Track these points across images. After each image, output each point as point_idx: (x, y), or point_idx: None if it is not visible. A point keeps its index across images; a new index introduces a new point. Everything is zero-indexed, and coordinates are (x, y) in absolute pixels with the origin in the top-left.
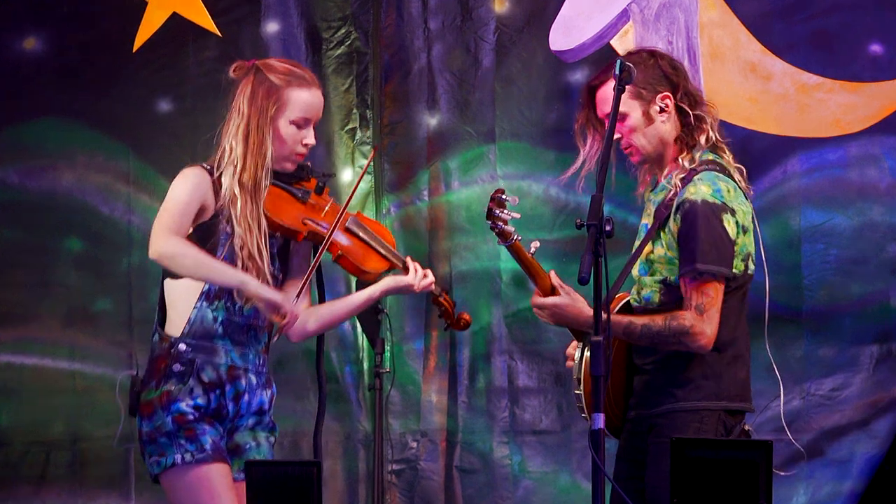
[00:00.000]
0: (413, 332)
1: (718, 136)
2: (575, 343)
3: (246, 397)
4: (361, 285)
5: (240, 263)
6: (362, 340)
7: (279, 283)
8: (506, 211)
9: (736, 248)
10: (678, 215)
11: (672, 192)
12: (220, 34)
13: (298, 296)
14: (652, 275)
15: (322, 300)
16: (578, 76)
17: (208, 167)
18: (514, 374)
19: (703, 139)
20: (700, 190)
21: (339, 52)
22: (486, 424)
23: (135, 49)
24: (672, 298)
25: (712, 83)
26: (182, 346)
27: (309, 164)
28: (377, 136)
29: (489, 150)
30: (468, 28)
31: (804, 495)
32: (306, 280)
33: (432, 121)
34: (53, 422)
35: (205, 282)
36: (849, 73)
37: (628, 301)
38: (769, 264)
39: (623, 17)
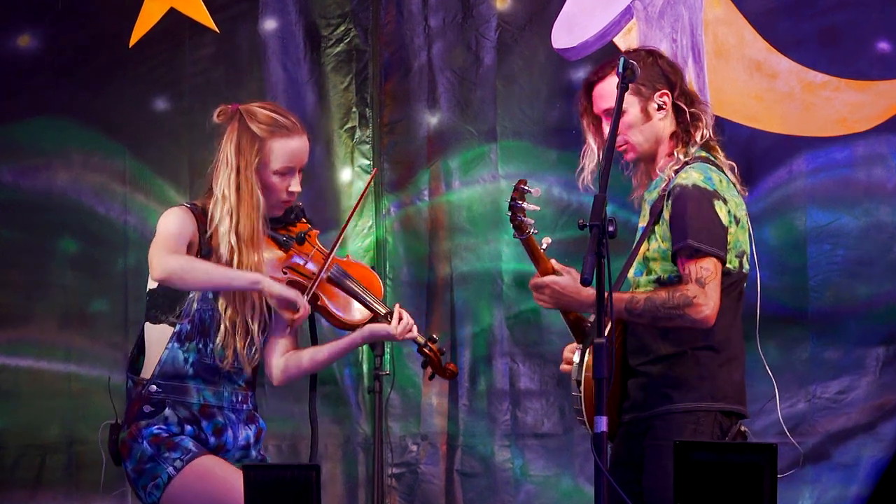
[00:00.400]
0: None
1: (712, 134)
2: (574, 345)
3: (229, 432)
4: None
5: (212, 313)
6: None
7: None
8: (527, 203)
9: (729, 238)
10: (669, 201)
11: (665, 183)
12: (217, 31)
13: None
14: (647, 274)
15: (315, 344)
16: (581, 74)
17: (190, 206)
18: (516, 377)
19: (698, 136)
20: (691, 176)
21: (338, 49)
22: (487, 427)
23: (131, 44)
24: None
25: (717, 81)
26: (153, 388)
27: (300, 204)
28: (377, 135)
29: (490, 150)
30: (469, 25)
31: (810, 499)
32: (318, 278)
33: (433, 119)
34: (49, 424)
35: (220, 289)
36: (855, 71)
37: None
38: (774, 265)
39: (626, 14)
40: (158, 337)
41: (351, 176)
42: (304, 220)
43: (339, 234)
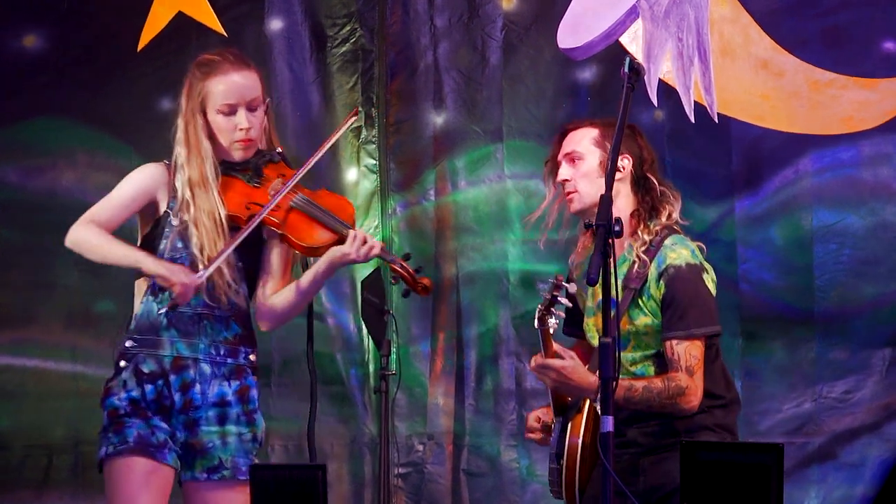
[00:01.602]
0: (419, 333)
1: (679, 219)
2: (539, 414)
3: (197, 388)
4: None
5: (190, 258)
6: (368, 342)
7: (244, 274)
8: (562, 300)
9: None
10: (662, 282)
11: (637, 265)
12: (225, 35)
13: (208, 268)
14: (642, 349)
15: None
16: (587, 74)
17: (169, 163)
18: (522, 377)
19: (664, 216)
20: (681, 254)
21: (343, 49)
22: (493, 427)
23: (140, 48)
24: (666, 368)
25: (723, 80)
26: (128, 343)
27: (279, 150)
28: (382, 134)
29: (496, 149)
30: (475, 25)
31: (816, 499)
32: (223, 253)
33: (438, 119)
34: (55, 425)
35: (105, 263)
36: (862, 69)
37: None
38: (780, 265)
39: (632, 14)
40: (139, 291)
41: (357, 175)
42: (279, 162)
43: (304, 166)
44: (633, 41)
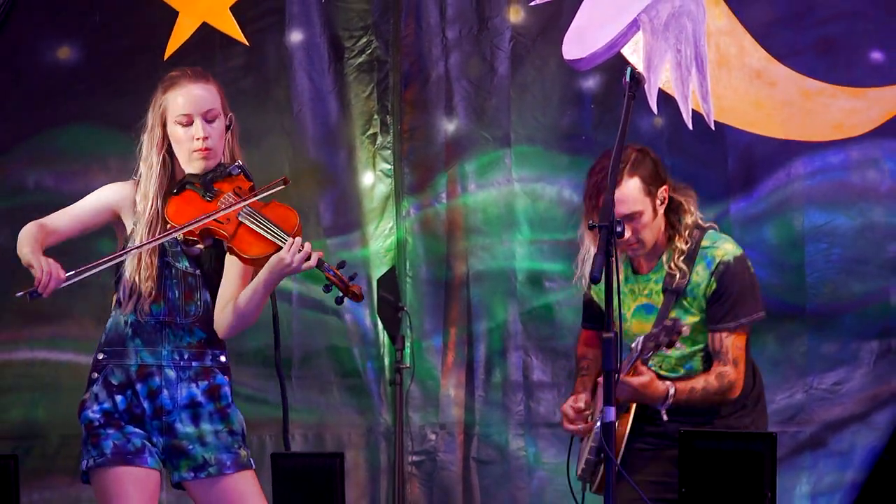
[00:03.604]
0: (432, 328)
1: (699, 214)
2: (574, 406)
3: (165, 393)
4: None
5: (131, 269)
6: (383, 337)
7: (202, 282)
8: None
9: None
10: (713, 279)
11: (678, 276)
12: (247, 44)
13: (77, 274)
14: (689, 345)
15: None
16: (591, 83)
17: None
18: (529, 370)
19: (689, 217)
20: (727, 249)
21: (360, 60)
22: (502, 417)
23: (165, 57)
24: (711, 360)
25: (719, 89)
26: (100, 355)
27: (239, 162)
28: (397, 140)
29: (505, 155)
30: (484, 37)
31: (807, 485)
32: (112, 258)
33: (450, 126)
34: None
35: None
36: (851, 79)
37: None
38: (773, 263)
39: (634, 26)
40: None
41: (373, 180)
42: (238, 175)
43: (255, 193)
44: (634, 52)
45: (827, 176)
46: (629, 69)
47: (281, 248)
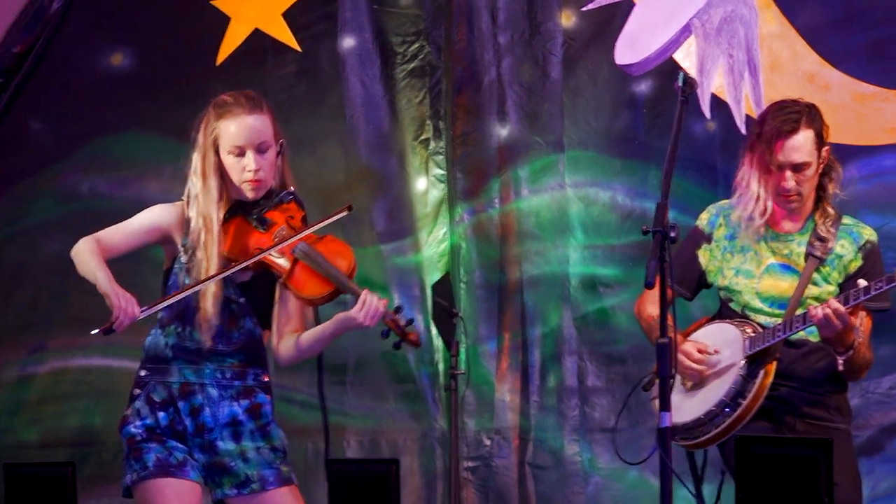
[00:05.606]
0: (486, 334)
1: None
2: (694, 348)
3: (207, 411)
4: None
5: (196, 297)
6: (438, 343)
7: (247, 309)
8: None
9: None
10: (860, 254)
11: (831, 241)
12: (300, 50)
13: (151, 308)
14: None
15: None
16: (643, 87)
17: (184, 199)
18: (584, 375)
19: (832, 189)
20: (871, 231)
21: (412, 65)
22: (556, 423)
23: (218, 62)
24: None
25: (772, 94)
26: (142, 372)
27: (292, 189)
28: (450, 146)
29: (558, 159)
30: (536, 42)
31: (864, 490)
32: (171, 298)
33: (503, 131)
34: None
35: (86, 278)
36: None
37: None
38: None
39: (685, 31)
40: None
41: (426, 185)
42: (290, 203)
43: (310, 227)
44: (686, 57)
45: (881, 179)
46: (681, 74)
47: (335, 289)
